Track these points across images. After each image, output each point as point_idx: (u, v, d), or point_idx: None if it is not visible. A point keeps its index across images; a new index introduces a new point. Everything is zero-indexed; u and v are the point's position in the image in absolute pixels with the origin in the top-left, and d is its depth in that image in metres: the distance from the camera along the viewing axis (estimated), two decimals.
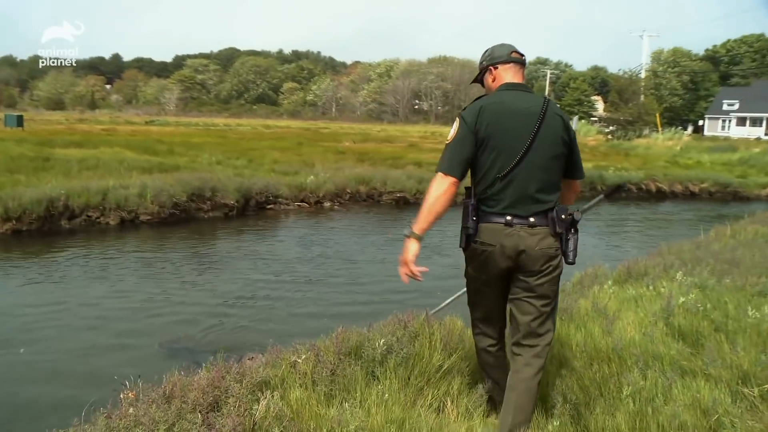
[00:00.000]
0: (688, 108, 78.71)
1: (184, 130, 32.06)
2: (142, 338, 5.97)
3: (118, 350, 5.67)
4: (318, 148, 24.33)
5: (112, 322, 6.42)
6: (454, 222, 3.23)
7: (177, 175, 12.58)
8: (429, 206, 3.03)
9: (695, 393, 3.51)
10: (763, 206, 18.68)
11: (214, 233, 11.26)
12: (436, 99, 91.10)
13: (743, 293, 5.75)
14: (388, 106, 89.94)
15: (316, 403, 3.31)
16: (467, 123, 3.01)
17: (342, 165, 18.49)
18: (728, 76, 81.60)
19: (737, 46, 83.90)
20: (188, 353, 5.57)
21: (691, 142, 41.65)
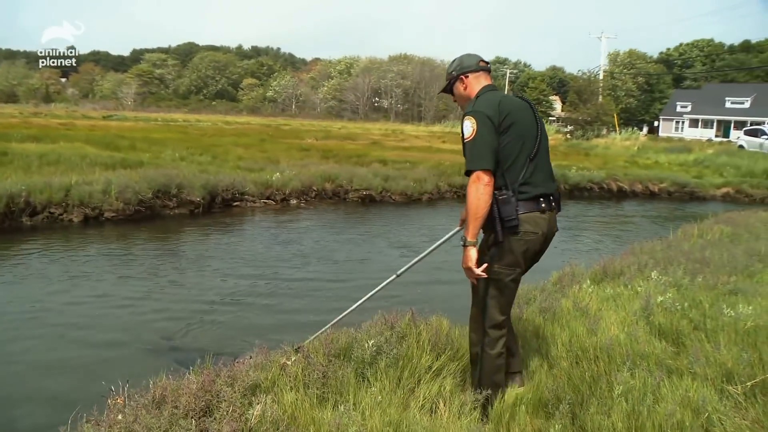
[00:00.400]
0: (643, 109, 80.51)
1: (144, 126, 31.41)
2: (119, 339, 5.77)
3: (95, 351, 5.46)
4: (281, 144, 24.12)
5: (87, 322, 6.20)
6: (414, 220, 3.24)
7: (142, 172, 12.29)
8: (475, 212, 3.11)
9: (685, 392, 3.55)
10: (718, 206, 19.23)
11: (181, 231, 11.02)
12: (396, 97, 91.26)
13: (715, 292, 5.87)
14: (348, 103, 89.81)
15: (309, 407, 3.25)
16: (489, 116, 3.16)
17: (307, 162, 18.35)
18: (681, 79, 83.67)
19: (689, 50, 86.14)
20: (170, 354, 5.41)
21: (648, 142, 42.49)
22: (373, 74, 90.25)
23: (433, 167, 19.30)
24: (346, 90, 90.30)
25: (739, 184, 21.53)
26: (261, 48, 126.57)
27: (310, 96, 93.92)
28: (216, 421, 2.96)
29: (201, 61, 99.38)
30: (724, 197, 20.88)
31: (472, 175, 3.14)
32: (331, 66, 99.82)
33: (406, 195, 16.45)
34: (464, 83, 3.47)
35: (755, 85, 68.74)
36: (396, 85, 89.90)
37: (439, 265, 8.43)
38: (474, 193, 3.10)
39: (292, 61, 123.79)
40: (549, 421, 3.31)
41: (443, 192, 17.48)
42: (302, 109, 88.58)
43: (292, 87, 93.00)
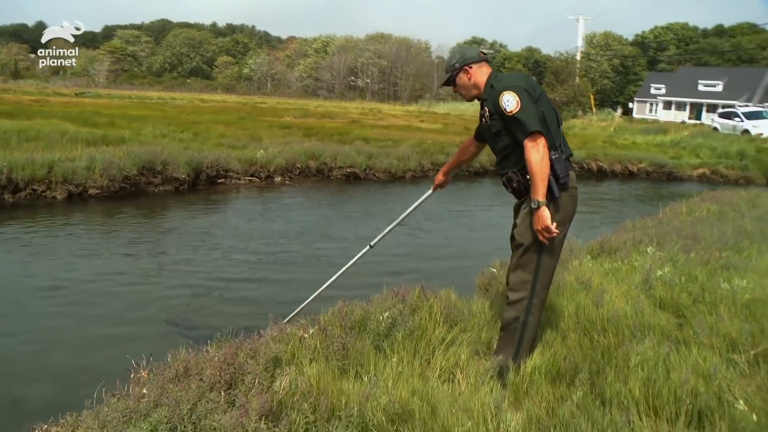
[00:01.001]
0: (618, 91, 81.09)
1: (119, 103, 30.81)
2: (123, 315, 5.73)
3: (101, 329, 5.41)
4: (261, 122, 23.89)
5: (90, 299, 6.14)
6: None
7: (125, 148, 12.10)
8: (541, 172, 3.31)
9: (696, 360, 3.63)
10: (695, 186, 19.55)
11: (169, 208, 10.90)
12: (373, 76, 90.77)
13: (709, 267, 5.98)
14: (324, 82, 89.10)
15: (332, 378, 3.27)
16: (526, 89, 3.41)
17: (289, 140, 18.20)
18: (655, 62, 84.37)
19: (664, 33, 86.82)
20: (178, 330, 5.38)
21: (623, 123, 42.94)
22: (350, 53, 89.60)
23: (415, 145, 19.32)
24: (322, 69, 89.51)
25: (714, 165, 21.91)
26: (236, 25, 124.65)
27: (285, 74, 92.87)
28: (242, 393, 2.97)
29: (175, 38, 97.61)
30: (700, 178, 21.24)
31: (530, 140, 3.32)
32: (307, 44, 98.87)
33: (389, 173, 16.46)
34: (468, 74, 3.65)
35: (727, 68, 69.57)
36: (372, 64, 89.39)
37: (446, 242, 8.50)
38: (536, 155, 3.29)
39: (268, 39, 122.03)
40: (570, 389, 3.36)
41: (426, 170, 17.52)
42: (278, 88, 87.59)
43: (267, 65, 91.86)
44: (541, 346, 3.89)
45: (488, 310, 4.46)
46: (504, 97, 3.37)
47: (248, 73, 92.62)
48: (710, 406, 3.12)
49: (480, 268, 6.23)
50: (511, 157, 3.59)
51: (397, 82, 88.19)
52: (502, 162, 3.69)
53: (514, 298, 3.65)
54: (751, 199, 10.68)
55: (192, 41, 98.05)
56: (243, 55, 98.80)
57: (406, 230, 10.08)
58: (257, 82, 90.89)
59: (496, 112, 3.48)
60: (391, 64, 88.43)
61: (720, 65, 73.86)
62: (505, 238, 3.93)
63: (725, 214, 8.81)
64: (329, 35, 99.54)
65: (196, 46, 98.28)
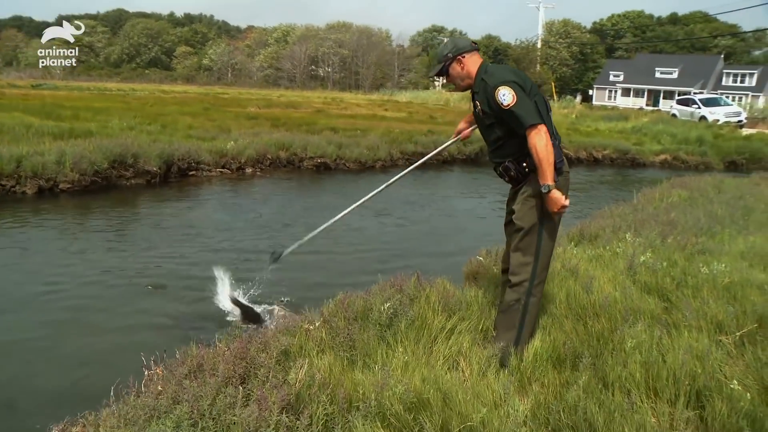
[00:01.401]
0: (577, 78, 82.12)
1: (79, 95, 30.06)
2: (113, 312, 5.67)
3: (97, 326, 5.36)
4: (227, 113, 23.62)
5: (71, 296, 6.05)
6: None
7: (95, 141, 11.86)
8: (547, 158, 3.44)
9: (688, 343, 3.77)
10: (658, 172, 20.01)
11: (142, 201, 10.75)
12: (334, 65, 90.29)
13: (686, 252, 6.18)
14: (285, 71, 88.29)
15: (342, 369, 3.31)
16: (518, 83, 3.52)
17: (258, 130, 18.06)
18: (613, 49, 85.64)
19: (621, 21, 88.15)
20: (174, 325, 5.37)
21: (585, 110, 43.44)
22: (310, 42, 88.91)
23: (383, 135, 19.35)
24: (282, 58, 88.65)
25: (675, 151, 22.41)
26: (194, 15, 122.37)
27: (246, 64, 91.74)
28: (256, 387, 2.99)
29: (133, 29, 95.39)
30: (662, 163, 21.73)
31: (533, 130, 3.44)
32: (267, 34, 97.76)
33: (360, 162, 16.49)
34: (462, 63, 3.73)
35: (682, 56, 71.07)
36: (333, 54, 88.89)
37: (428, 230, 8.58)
38: (541, 143, 3.43)
39: (227, 28, 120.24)
40: (573, 374, 3.46)
41: (396, 159, 17.60)
42: (238, 78, 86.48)
43: (227, 55, 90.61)
44: (540, 332, 3.99)
45: (482, 298, 4.54)
46: (500, 92, 3.47)
47: (208, 64, 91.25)
48: (708, 386, 3.24)
49: (462, 255, 6.34)
50: (504, 148, 3.70)
51: (359, 71, 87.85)
52: (496, 152, 3.78)
53: (516, 281, 3.75)
54: (716, 184, 11.00)
55: (150, 31, 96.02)
56: (202, 45, 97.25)
57: (391, 219, 10.22)
58: (217, 72, 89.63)
59: (489, 108, 3.59)
60: (352, 53, 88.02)
61: (675, 53, 75.38)
62: (484, 224, 4.04)
63: (695, 200, 9.07)
64: (289, 24, 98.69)
65: (155, 36, 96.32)
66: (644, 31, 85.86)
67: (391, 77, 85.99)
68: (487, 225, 10.26)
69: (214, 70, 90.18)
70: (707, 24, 79.96)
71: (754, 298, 4.70)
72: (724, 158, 22.36)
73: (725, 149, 22.89)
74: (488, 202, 12.92)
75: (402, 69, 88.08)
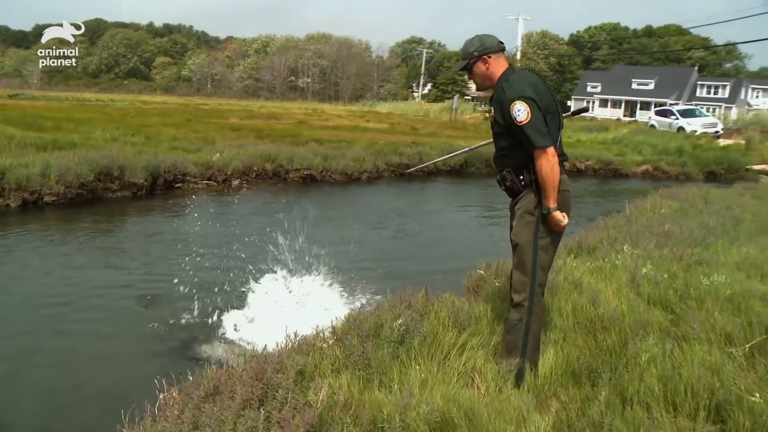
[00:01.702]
0: (555, 89, 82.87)
1: (59, 105, 29.69)
2: (98, 334, 5.54)
3: (96, 346, 5.22)
4: (210, 125, 23.44)
5: (64, 314, 5.91)
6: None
7: (80, 153, 11.70)
8: (552, 181, 3.46)
9: (701, 356, 3.76)
10: (640, 182, 20.20)
11: (130, 214, 10.59)
12: (313, 76, 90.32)
13: (683, 263, 6.20)
14: (265, 82, 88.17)
15: (361, 389, 3.25)
16: (535, 100, 3.45)
17: (243, 142, 17.96)
18: (591, 61, 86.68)
19: (598, 33, 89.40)
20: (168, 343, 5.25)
21: (565, 121, 43.67)
22: (290, 53, 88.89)
23: (368, 146, 19.34)
24: (262, 69, 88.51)
25: (656, 161, 22.67)
26: (173, 25, 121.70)
27: (225, 75, 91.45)
28: (276, 409, 2.92)
29: (111, 39, 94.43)
30: (644, 174, 21.97)
31: (541, 153, 3.43)
32: (246, 45, 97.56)
33: (346, 174, 16.44)
34: (487, 63, 3.66)
35: (657, 67, 72.20)
36: (313, 65, 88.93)
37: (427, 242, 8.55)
38: (546, 166, 3.44)
39: (206, 39, 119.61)
40: (593, 389, 3.43)
41: (381, 171, 17.61)
42: (218, 89, 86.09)
43: (207, 66, 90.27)
44: (552, 347, 3.96)
45: (490, 312, 4.50)
46: (515, 107, 3.44)
47: (187, 74, 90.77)
48: (729, 400, 3.22)
49: (457, 265, 6.30)
50: (507, 158, 3.70)
51: (338, 81, 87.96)
52: (499, 159, 3.80)
53: (517, 300, 3.70)
54: (702, 195, 11.12)
55: (129, 41, 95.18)
56: (181, 55, 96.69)
57: (388, 232, 10.21)
58: (197, 83, 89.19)
59: (503, 118, 3.56)
60: (331, 64, 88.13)
61: (650, 64, 76.50)
62: (477, 236, 4.02)
63: (686, 210, 9.15)
64: (269, 35, 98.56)
65: (134, 46, 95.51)
66: (620, 43, 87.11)
67: (371, 88, 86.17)
68: (480, 237, 10.28)
69: (193, 80, 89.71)
70: (681, 37, 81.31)
71: (759, 309, 4.71)
72: (703, 168, 22.67)
73: (704, 160, 23.23)
74: (477, 214, 12.95)
75: (381, 80, 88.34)
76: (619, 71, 70.81)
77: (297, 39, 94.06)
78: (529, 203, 3.61)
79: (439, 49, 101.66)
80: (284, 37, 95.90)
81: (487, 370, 3.72)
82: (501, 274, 5.66)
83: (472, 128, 34.39)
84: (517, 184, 3.67)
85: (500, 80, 3.63)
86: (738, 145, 27.54)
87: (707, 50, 78.86)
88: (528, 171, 3.57)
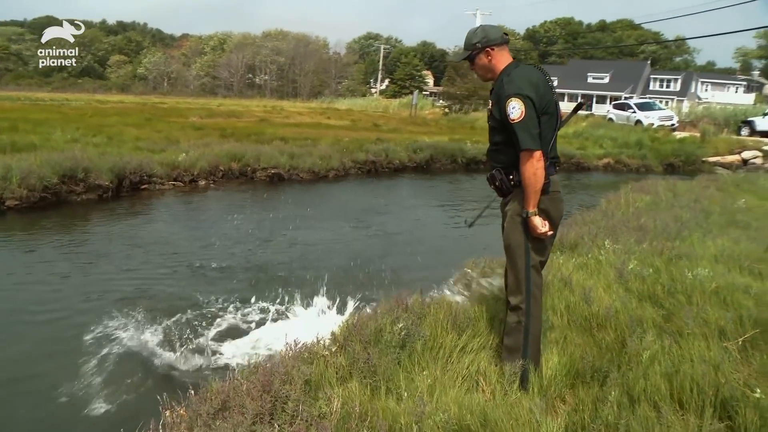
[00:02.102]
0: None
1: (11, 105, 28.68)
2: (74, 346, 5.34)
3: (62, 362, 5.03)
4: (172, 124, 22.98)
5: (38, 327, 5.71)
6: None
7: (42, 155, 11.34)
8: (533, 185, 3.40)
9: (700, 352, 3.79)
10: (602, 176, 20.50)
11: (96, 217, 10.24)
12: (271, 73, 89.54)
13: (664, 257, 6.27)
14: (222, 80, 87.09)
15: (370, 398, 3.19)
16: (532, 99, 3.38)
17: (207, 141, 17.64)
18: (546, 55, 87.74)
19: (553, 28, 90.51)
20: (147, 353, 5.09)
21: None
22: (247, 50, 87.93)
23: (334, 144, 19.25)
24: (219, 66, 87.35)
25: (617, 155, 23.07)
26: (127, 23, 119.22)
27: (182, 73, 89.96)
28: (287, 422, 2.84)
29: None
30: (605, 167, 22.33)
31: (527, 154, 3.36)
32: (203, 42, 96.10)
33: (313, 172, 16.33)
34: (489, 55, 3.59)
35: (612, 61, 73.51)
36: (271, 62, 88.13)
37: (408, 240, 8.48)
38: (531, 170, 3.37)
39: (161, 37, 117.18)
40: (601, 389, 3.42)
41: (348, 168, 17.53)
42: (174, 87, 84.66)
43: (163, 64, 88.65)
44: (553, 347, 3.96)
45: (486, 312, 4.47)
46: (511, 103, 3.37)
47: (143, 73, 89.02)
48: (735, 396, 3.25)
49: (440, 263, 6.27)
50: (499, 154, 3.64)
51: (296, 79, 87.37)
52: (492, 154, 3.73)
53: (514, 303, 3.67)
54: (671, 188, 11.30)
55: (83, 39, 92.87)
56: (136, 53, 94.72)
57: (372, 231, 10.14)
58: (153, 81, 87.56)
59: (499, 113, 3.49)
60: (289, 61, 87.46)
61: (605, 58, 77.78)
62: (455, 234, 3.99)
63: (658, 204, 9.29)
64: (226, 32, 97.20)
65: (87, 44, 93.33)
66: (575, 38, 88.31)
67: (329, 85, 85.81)
68: (459, 234, 10.28)
69: (149, 79, 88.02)
70: (633, 31, 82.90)
71: (745, 302, 4.79)
72: (662, 161, 23.17)
73: (663, 152, 23.73)
74: (449, 211, 12.96)
75: (339, 76, 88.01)
76: (575, 65, 71.82)
77: (254, 36, 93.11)
78: (519, 204, 3.56)
79: (396, 45, 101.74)
80: (241, 34, 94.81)
81: (491, 372, 3.70)
82: (489, 273, 5.66)
83: (433, 124, 34.50)
84: (506, 183, 3.62)
85: (502, 73, 3.56)
86: (693, 137, 28.20)
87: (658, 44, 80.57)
88: (518, 171, 3.50)
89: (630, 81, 64.78)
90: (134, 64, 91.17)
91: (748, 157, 24.96)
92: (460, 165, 20.56)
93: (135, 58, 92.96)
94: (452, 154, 20.55)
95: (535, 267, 3.63)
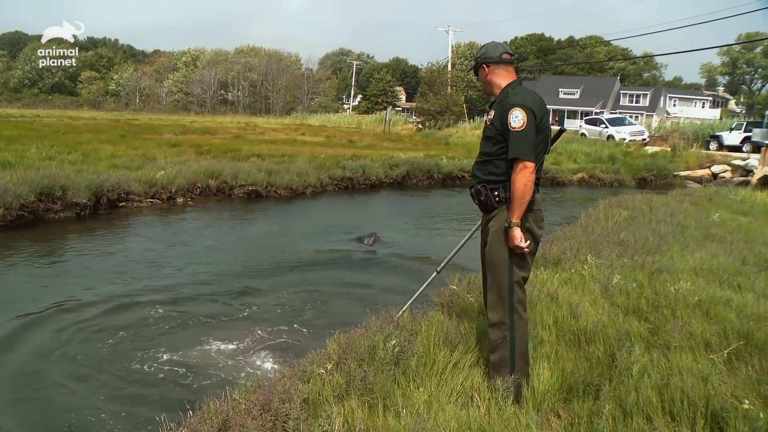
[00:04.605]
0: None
1: None
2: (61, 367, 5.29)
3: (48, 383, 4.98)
4: (147, 140, 22.78)
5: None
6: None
7: (18, 173, 11.20)
8: (522, 197, 3.44)
9: (688, 364, 3.87)
10: (576, 190, 20.74)
11: (75, 236, 10.09)
12: (244, 90, 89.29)
13: (645, 271, 6.38)
14: (195, 96, 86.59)
15: (369, 415, 3.20)
16: (535, 114, 3.47)
17: (184, 158, 17.54)
18: (518, 71, 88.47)
19: (524, 44, 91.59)
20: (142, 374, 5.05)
21: None
22: (220, 66, 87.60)
23: (311, 160, 19.28)
24: (192, 83, 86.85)
25: (591, 169, 23.39)
26: (98, 39, 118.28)
27: (154, 89, 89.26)
28: None
29: (33, 52, 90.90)
30: (579, 182, 22.59)
31: (520, 164, 3.42)
32: (175, 58, 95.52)
33: (291, 189, 16.34)
34: (485, 71, 3.74)
35: (582, 77, 74.61)
36: (243, 78, 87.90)
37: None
38: (521, 180, 3.42)
39: (132, 53, 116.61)
40: (595, 403, 3.47)
41: (325, 185, 17.58)
42: (147, 103, 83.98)
43: (135, 80, 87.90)
44: (544, 361, 4.00)
45: (476, 329, 4.51)
46: (514, 112, 3.45)
47: (115, 89, 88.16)
48: (725, 407, 3.32)
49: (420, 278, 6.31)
50: (488, 166, 3.68)
51: (269, 95, 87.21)
52: (479, 165, 3.77)
53: (495, 319, 3.69)
54: (647, 202, 11.48)
55: None
56: (108, 69, 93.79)
57: (356, 246, 10.15)
58: (125, 97, 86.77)
59: (500, 123, 3.54)
60: (261, 77, 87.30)
61: (575, 74, 78.90)
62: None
63: (636, 218, 9.45)
64: (198, 48, 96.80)
65: None
66: (546, 54, 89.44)
67: (302, 101, 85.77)
68: (440, 249, 10.34)
69: (121, 95, 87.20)
70: (603, 47, 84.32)
71: (727, 315, 4.89)
72: (635, 175, 23.56)
73: (635, 167, 24.12)
74: (433, 225, 13.02)
75: (312, 92, 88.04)
76: (546, 81, 72.67)
77: (226, 52, 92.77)
78: (504, 221, 3.59)
79: (369, 61, 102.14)
80: (213, 50, 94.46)
81: (484, 388, 3.73)
82: (474, 289, 5.70)
83: (408, 139, 34.62)
84: (491, 200, 3.66)
85: (507, 87, 3.65)
86: (664, 152, 28.72)
87: (627, 60, 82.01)
88: (504, 188, 3.57)
89: (600, 96, 65.81)
90: (106, 80, 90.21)
91: (718, 171, 25.49)
92: (436, 180, 20.69)
93: (107, 74, 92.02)
94: (428, 169, 20.69)
95: (518, 283, 3.66)
